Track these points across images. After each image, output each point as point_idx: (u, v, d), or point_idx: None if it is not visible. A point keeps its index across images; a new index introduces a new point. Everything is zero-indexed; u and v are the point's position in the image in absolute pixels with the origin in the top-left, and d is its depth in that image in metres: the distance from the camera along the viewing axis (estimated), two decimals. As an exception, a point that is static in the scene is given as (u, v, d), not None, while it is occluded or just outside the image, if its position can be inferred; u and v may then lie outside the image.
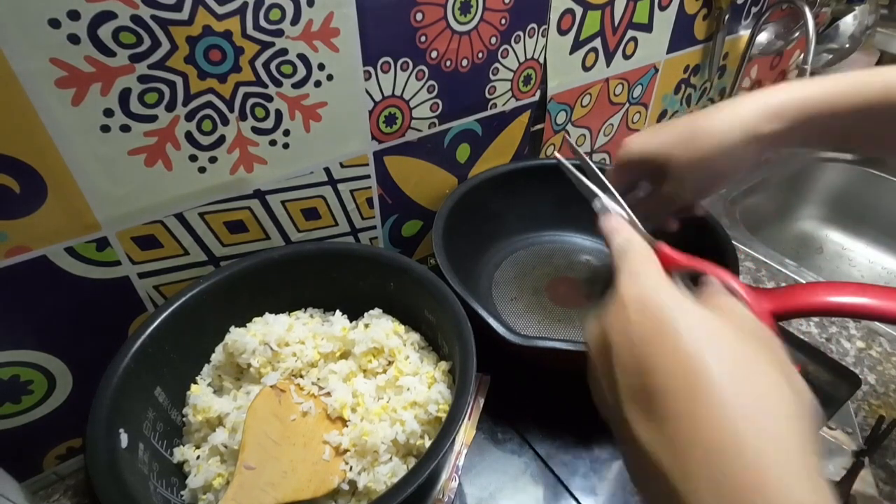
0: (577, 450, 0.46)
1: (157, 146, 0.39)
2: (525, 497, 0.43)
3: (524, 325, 0.57)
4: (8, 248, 0.36)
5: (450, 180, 0.60)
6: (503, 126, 0.61)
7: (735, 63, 0.83)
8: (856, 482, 0.47)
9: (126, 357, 0.37)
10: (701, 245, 0.54)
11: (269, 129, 0.44)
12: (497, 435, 0.48)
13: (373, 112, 0.49)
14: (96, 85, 0.35)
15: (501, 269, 0.63)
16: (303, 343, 0.44)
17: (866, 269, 0.94)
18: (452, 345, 0.41)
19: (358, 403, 0.41)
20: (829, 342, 0.62)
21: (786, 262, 0.75)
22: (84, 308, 0.42)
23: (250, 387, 0.43)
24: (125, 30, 0.34)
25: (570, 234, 0.68)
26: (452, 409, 0.35)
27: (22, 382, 0.41)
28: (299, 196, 0.49)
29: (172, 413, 0.41)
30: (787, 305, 0.47)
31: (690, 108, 0.85)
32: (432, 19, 0.47)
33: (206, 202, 0.44)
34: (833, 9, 0.83)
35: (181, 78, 0.38)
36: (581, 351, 0.44)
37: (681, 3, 0.68)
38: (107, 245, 0.41)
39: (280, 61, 0.42)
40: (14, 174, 0.35)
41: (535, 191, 0.64)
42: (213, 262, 0.47)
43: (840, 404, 0.50)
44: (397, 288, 0.47)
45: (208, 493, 0.38)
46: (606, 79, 0.68)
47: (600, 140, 0.75)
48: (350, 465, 0.38)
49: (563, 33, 0.59)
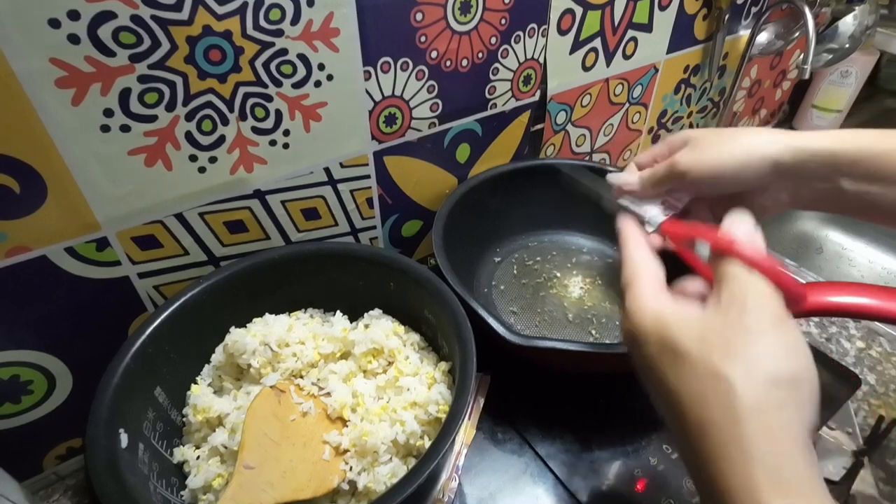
0: (577, 450, 0.46)
1: (157, 146, 0.39)
2: (525, 497, 0.43)
3: (524, 325, 0.57)
4: (8, 248, 0.36)
5: (450, 180, 0.60)
6: (503, 126, 0.61)
7: (735, 63, 0.83)
8: (856, 482, 0.47)
9: (126, 357, 0.37)
10: (701, 245, 0.54)
11: (269, 129, 0.44)
12: (497, 435, 0.48)
13: (373, 112, 0.49)
14: (96, 85, 0.35)
15: (501, 269, 0.63)
16: (303, 343, 0.44)
17: (866, 269, 0.94)
18: (452, 345, 0.41)
19: (358, 404, 0.41)
20: (829, 342, 0.62)
21: (786, 262, 0.75)
22: (84, 308, 0.42)
23: (250, 387, 0.43)
24: (125, 30, 0.34)
25: (570, 234, 0.68)
26: (452, 409, 0.35)
27: (22, 382, 0.41)
28: (299, 196, 0.49)
29: (172, 413, 0.41)
30: (787, 305, 0.47)
31: (690, 108, 0.85)
32: (432, 19, 0.47)
33: (206, 202, 0.44)
34: (833, 9, 0.82)
35: (181, 78, 0.38)
36: (581, 351, 0.44)
37: (681, 3, 0.68)
38: (107, 245, 0.41)
39: (280, 61, 0.41)
40: (14, 174, 0.35)
41: (535, 191, 0.64)
42: (213, 262, 0.47)
43: (840, 404, 0.50)
44: (397, 288, 0.47)
45: (208, 494, 0.38)
46: (606, 79, 0.68)
47: (600, 140, 0.75)
48: (350, 466, 0.38)
49: (563, 33, 0.59)
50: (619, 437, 0.47)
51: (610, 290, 0.61)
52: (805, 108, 1.04)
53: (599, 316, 0.58)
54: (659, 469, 0.44)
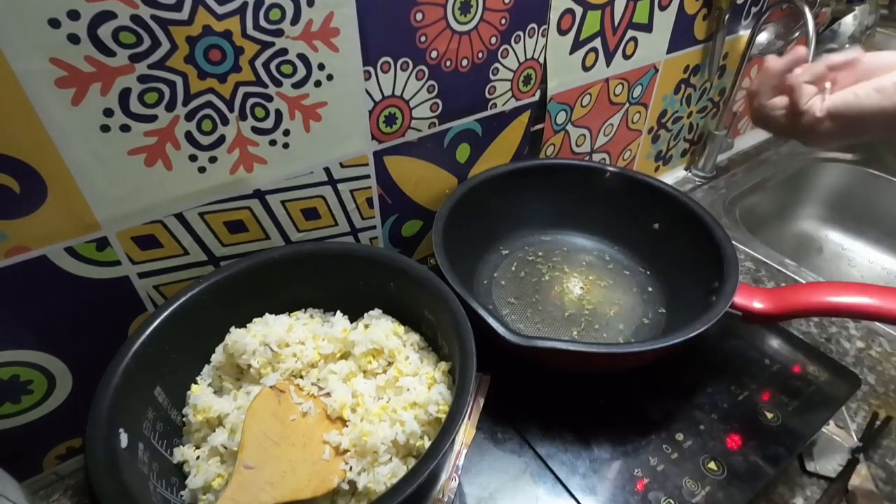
0: (577, 450, 0.46)
1: (156, 146, 0.39)
2: (525, 497, 0.43)
3: (524, 325, 0.57)
4: (8, 248, 0.36)
5: (450, 180, 0.60)
6: (503, 126, 0.61)
7: (735, 63, 0.83)
8: (854, 478, 0.48)
9: (126, 357, 0.37)
10: (701, 245, 0.54)
11: (269, 129, 0.44)
12: (497, 435, 0.48)
13: (373, 112, 0.49)
14: (96, 85, 0.35)
15: (501, 269, 0.63)
16: (303, 344, 0.44)
17: (866, 269, 0.94)
18: (452, 345, 0.41)
19: (358, 404, 0.41)
20: (829, 342, 0.62)
21: (786, 262, 0.75)
22: (84, 308, 0.42)
23: (250, 387, 0.43)
24: (125, 30, 0.34)
25: (571, 234, 0.68)
26: (452, 409, 0.35)
27: (22, 382, 0.41)
28: (299, 196, 0.49)
29: (172, 413, 0.41)
30: (787, 305, 0.47)
31: (690, 108, 0.85)
32: (432, 19, 0.47)
33: (206, 202, 0.44)
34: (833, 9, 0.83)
35: (181, 78, 0.38)
36: (581, 351, 0.44)
37: (681, 3, 0.68)
38: (107, 245, 0.41)
39: (280, 61, 0.42)
40: (14, 174, 0.35)
41: (535, 191, 0.65)
42: (213, 262, 0.47)
43: (840, 404, 0.50)
44: (397, 288, 0.47)
45: (208, 494, 0.38)
46: (606, 79, 0.68)
47: (600, 140, 0.75)
48: (350, 466, 0.38)
49: (563, 33, 0.59)
50: (619, 437, 0.47)
51: (610, 290, 0.61)
52: (805, 108, 1.03)
53: (599, 316, 0.58)
54: (659, 469, 0.44)
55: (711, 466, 0.44)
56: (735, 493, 0.42)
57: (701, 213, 0.56)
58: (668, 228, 0.61)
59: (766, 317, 0.48)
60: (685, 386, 0.51)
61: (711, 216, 0.56)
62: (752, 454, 0.45)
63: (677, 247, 0.59)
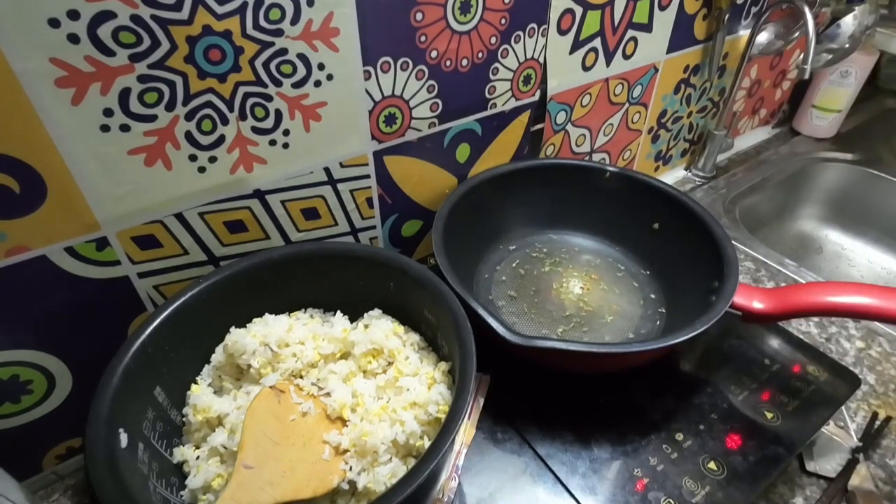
0: (577, 450, 0.46)
1: (156, 146, 0.39)
2: (524, 497, 0.43)
3: (524, 325, 0.57)
4: (8, 248, 0.36)
5: (450, 180, 0.60)
6: (503, 126, 0.61)
7: (735, 63, 0.83)
8: (854, 478, 0.48)
9: (126, 357, 0.37)
10: (701, 245, 0.54)
11: (269, 129, 0.44)
12: (497, 435, 0.48)
13: (373, 112, 0.49)
14: (96, 84, 0.35)
15: (501, 268, 0.63)
16: (303, 344, 0.44)
17: (866, 269, 0.94)
18: (452, 345, 0.41)
19: (358, 404, 0.41)
20: (829, 342, 0.62)
21: (785, 261, 0.75)
22: (84, 308, 0.42)
23: (250, 387, 0.43)
24: (125, 29, 0.34)
25: (571, 234, 0.68)
26: (452, 409, 0.35)
27: (22, 382, 0.41)
28: (299, 196, 0.49)
29: (172, 413, 0.41)
30: (786, 305, 0.47)
31: (690, 108, 0.85)
32: (432, 19, 0.47)
33: (205, 202, 0.44)
34: (833, 9, 0.82)
35: (181, 78, 0.38)
36: (581, 351, 0.44)
37: (681, 3, 0.68)
38: (106, 245, 0.41)
39: (280, 61, 0.42)
40: (14, 174, 0.35)
41: (535, 191, 0.65)
42: (213, 262, 0.47)
43: (840, 404, 0.50)
44: (397, 288, 0.47)
45: (208, 494, 0.38)
46: (606, 79, 0.68)
47: (600, 140, 0.75)
48: (350, 466, 0.38)
49: (563, 33, 0.59)
50: (619, 437, 0.47)
51: (609, 290, 0.61)
52: (805, 108, 1.04)
53: (598, 315, 0.58)
54: (659, 469, 0.44)
55: (711, 466, 0.44)
56: (735, 492, 0.42)
57: (701, 213, 0.56)
58: (667, 228, 0.61)
59: (766, 317, 0.48)
60: (685, 386, 0.51)
61: (711, 216, 0.56)
62: (752, 454, 0.45)
63: (677, 247, 0.59)
